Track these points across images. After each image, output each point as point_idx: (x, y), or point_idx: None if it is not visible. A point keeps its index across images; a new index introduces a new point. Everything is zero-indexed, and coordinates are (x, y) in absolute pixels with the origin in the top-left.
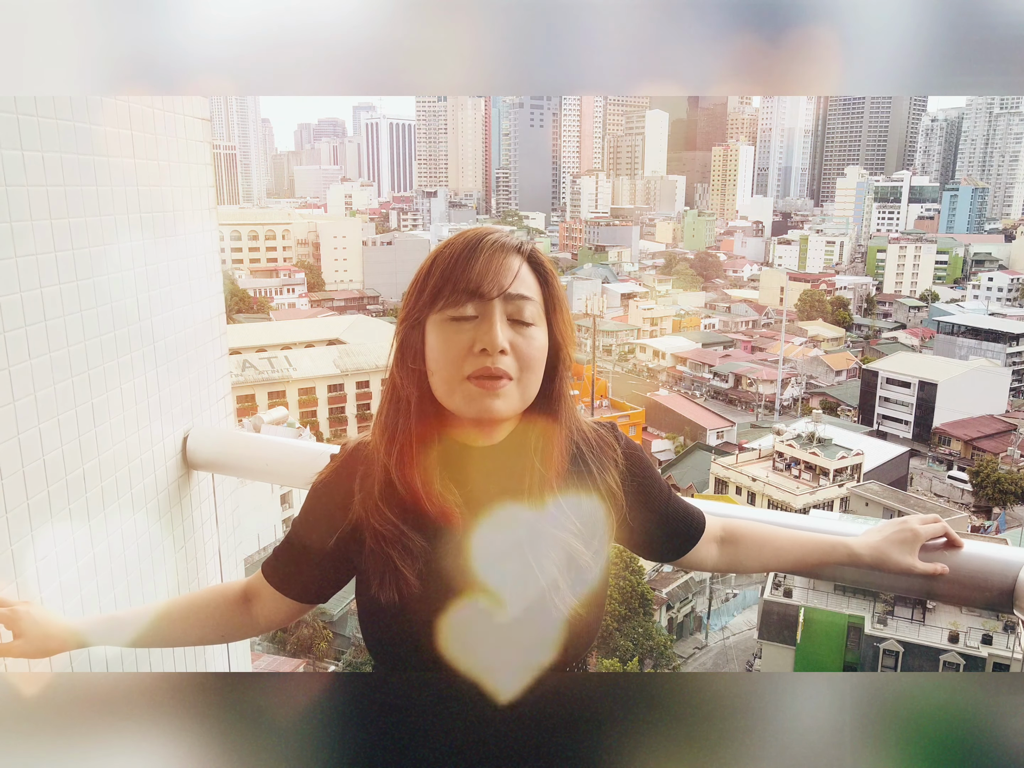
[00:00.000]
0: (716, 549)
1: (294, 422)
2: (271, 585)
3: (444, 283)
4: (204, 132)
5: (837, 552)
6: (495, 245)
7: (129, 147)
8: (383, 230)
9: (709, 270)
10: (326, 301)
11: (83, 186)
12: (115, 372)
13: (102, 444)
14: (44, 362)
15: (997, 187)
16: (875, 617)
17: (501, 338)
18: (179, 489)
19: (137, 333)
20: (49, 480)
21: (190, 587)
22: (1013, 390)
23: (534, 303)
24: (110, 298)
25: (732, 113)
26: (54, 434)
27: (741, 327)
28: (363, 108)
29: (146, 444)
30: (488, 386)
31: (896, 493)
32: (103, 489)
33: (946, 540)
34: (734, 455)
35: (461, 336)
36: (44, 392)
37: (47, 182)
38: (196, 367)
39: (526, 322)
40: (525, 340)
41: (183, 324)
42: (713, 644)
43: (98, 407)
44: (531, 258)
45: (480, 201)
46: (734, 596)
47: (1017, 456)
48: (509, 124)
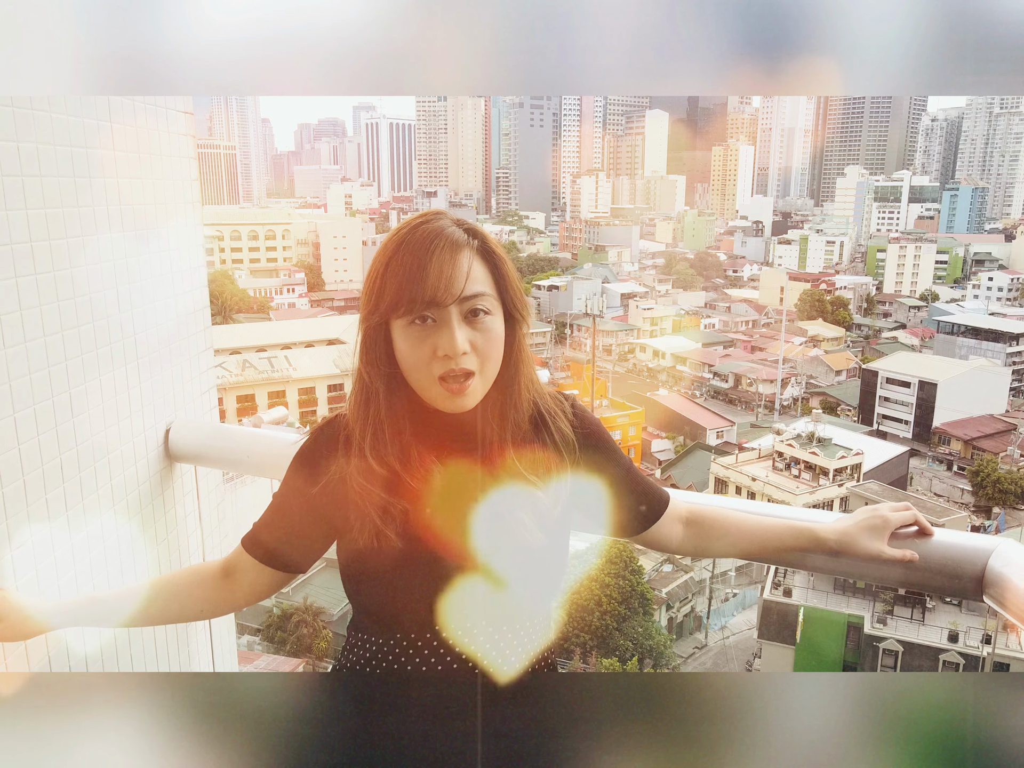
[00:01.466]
0: (681, 530)
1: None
2: (254, 558)
3: (400, 295)
4: (188, 125)
5: (803, 537)
6: (444, 245)
7: (109, 139)
8: (383, 230)
9: (709, 270)
10: (326, 301)
11: (60, 177)
12: (94, 363)
13: (80, 435)
14: (19, 351)
15: (997, 187)
16: (875, 617)
17: (460, 343)
18: (161, 481)
19: (117, 324)
20: (25, 469)
21: None
22: (1013, 390)
23: (487, 295)
24: (88, 289)
25: (732, 113)
26: (30, 423)
27: (741, 327)
28: (363, 108)
29: (127, 436)
30: (456, 391)
31: (896, 493)
32: (81, 480)
33: (917, 528)
34: (734, 455)
35: (425, 342)
36: (19, 381)
37: (22, 172)
38: (179, 360)
39: (483, 311)
40: (483, 335)
41: (165, 317)
42: (713, 644)
43: (76, 397)
44: (480, 250)
45: (480, 201)
46: (734, 596)
47: (1017, 456)
48: (509, 124)
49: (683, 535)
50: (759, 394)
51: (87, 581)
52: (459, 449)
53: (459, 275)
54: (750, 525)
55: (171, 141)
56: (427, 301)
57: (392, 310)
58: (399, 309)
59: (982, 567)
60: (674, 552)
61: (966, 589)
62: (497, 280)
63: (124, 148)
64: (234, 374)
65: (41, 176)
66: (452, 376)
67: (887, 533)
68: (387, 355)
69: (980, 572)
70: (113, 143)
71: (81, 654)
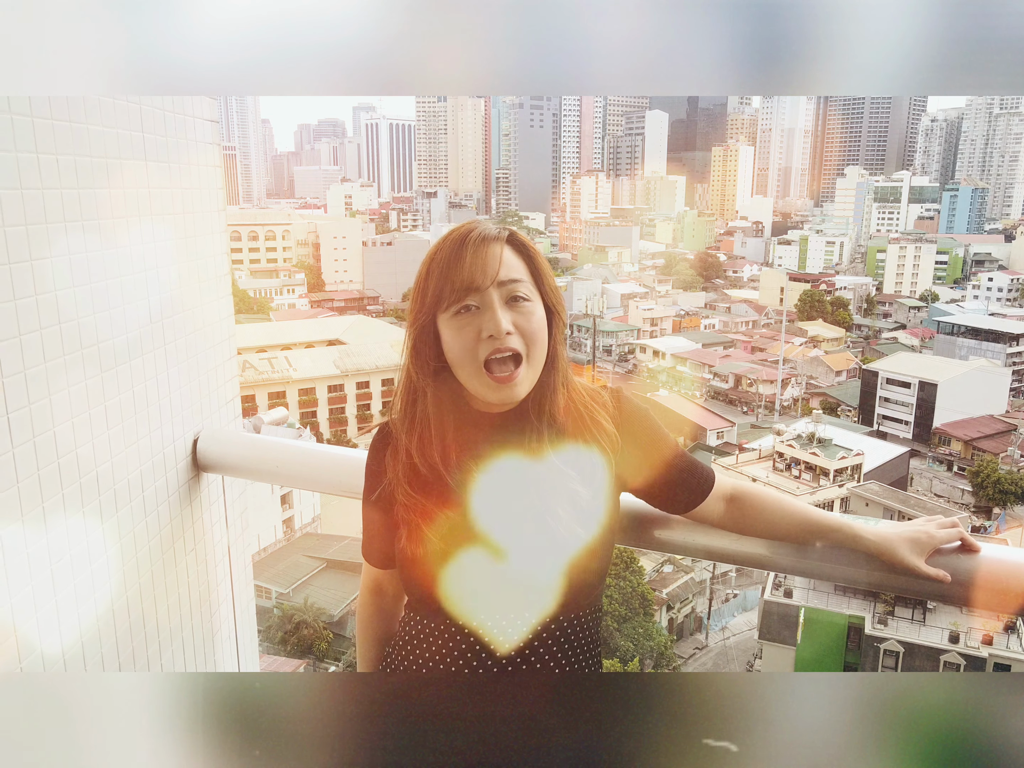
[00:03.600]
0: (723, 507)
1: (294, 422)
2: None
3: (443, 285)
4: (213, 134)
5: (842, 531)
6: (478, 239)
7: (141, 149)
8: (383, 230)
9: (709, 270)
10: (326, 302)
11: (96, 189)
12: (127, 375)
13: (115, 446)
14: (58, 365)
15: (997, 187)
16: (875, 617)
17: (503, 322)
18: (190, 491)
19: (148, 336)
20: (64, 483)
21: (200, 588)
22: (1013, 390)
23: (524, 282)
24: (123, 301)
25: (732, 113)
26: (68, 437)
27: (741, 327)
28: (363, 108)
29: (157, 446)
30: (504, 380)
31: (896, 493)
32: (116, 492)
33: (961, 544)
34: (734, 455)
35: (469, 328)
36: (59, 395)
37: (61, 185)
38: (206, 369)
39: (522, 298)
40: (525, 317)
41: (193, 326)
42: (713, 644)
43: (111, 410)
44: (511, 241)
45: (480, 202)
46: (734, 596)
47: (1017, 456)
48: (509, 124)
49: (724, 511)
50: (759, 395)
51: (121, 594)
52: (500, 447)
53: (493, 260)
54: (791, 508)
55: (198, 150)
56: (466, 286)
57: (436, 303)
58: (443, 301)
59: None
60: (716, 526)
61: (1015, 605)
62: (532, 269)
63: (155, 158)
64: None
65: (78, 189)
66: (499, 362)
67: (929, 550)
68: (435, 352)
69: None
70: (145, 153)
71: (113, 662)
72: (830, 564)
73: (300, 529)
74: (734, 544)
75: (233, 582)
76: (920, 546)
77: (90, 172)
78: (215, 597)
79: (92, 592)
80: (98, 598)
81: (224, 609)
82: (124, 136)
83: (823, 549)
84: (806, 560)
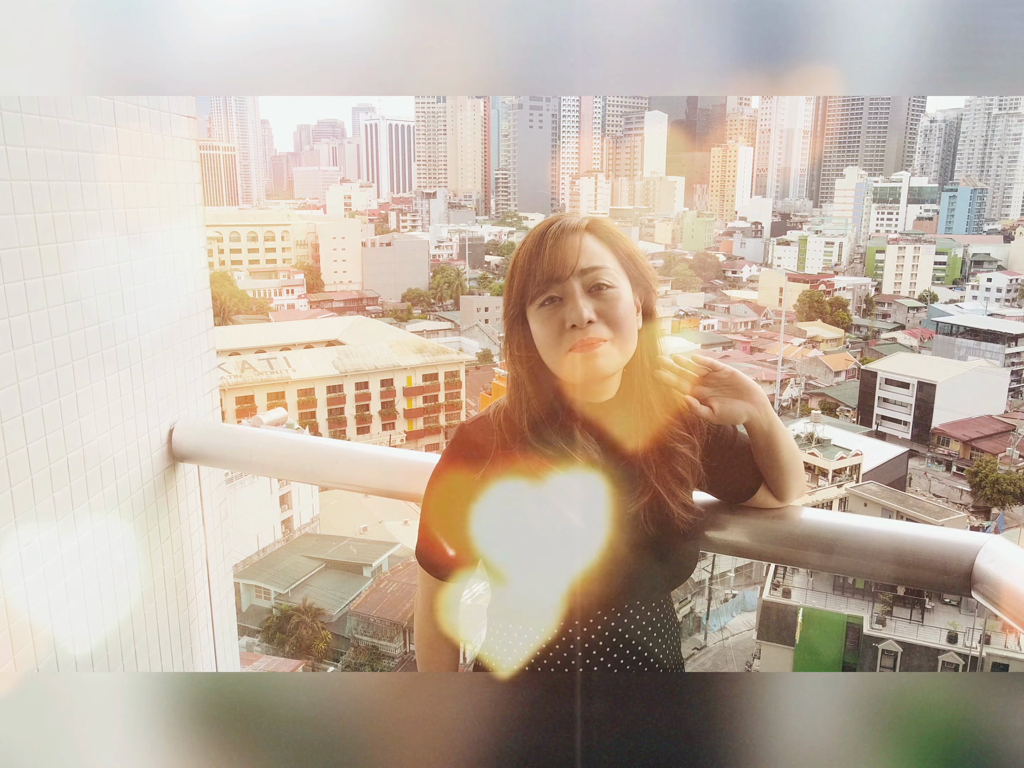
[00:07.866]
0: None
1: (293, 423)
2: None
3: (526, 279)
4: (190, 129)
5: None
6: (557, 231)
7: (114, 143)
8: (382, 231)
9: (708, 271)
10: (325, 302)
11: (67, 181)
12: (99, 364)
13: (86, 435)
14: (27, 352)
15: (996, 188)
16: (874, 617)
17: (584, 312)
18: (164, 481)
19: (121, 326)
20: (32, 468)
21: (176, 576)
22: (1012, 390)
23: (607, 269)
24: (94, 291)
25: (731, 114)
26: (37, 423)
27: (740, 328)
28: (362, 109)
29: (131, 435)
30: (587, 350)
31: (895, 493)
32: (87, 478)
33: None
34: None
35: (554, 318)
36: (28, 382)
37: (31, 176)
38: (182, 361)
39: (606, 285)
40: (608, 304)
41: (168, 319)
42: (712, 645)
43: (82, 398)
44: (592, 229)
45: (479, 202)
46: (733, 597)
47: (1016, 456)
48: (508, 125)
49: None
50: None
51: (92, 579)
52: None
53: (572, 250)
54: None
55: (174, 145)
56: (547, 278)
57: (522, 296)
58: (527, 294)
59: (970, 563)
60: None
61: (955, 584)
62: (618, 254)
63: (129, 152)
64: (233, 375)
65: (48, 180)
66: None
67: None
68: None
69: (968, 568)
70: (118, 147)
71: (84, 653)
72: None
73: (299, 529)
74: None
75: (210, 571)
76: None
77: (61, 165)
78: (191, 585)
79: (61, 577)
80: (67, 582)
81: (201, 597)
82: (96, 130)
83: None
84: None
